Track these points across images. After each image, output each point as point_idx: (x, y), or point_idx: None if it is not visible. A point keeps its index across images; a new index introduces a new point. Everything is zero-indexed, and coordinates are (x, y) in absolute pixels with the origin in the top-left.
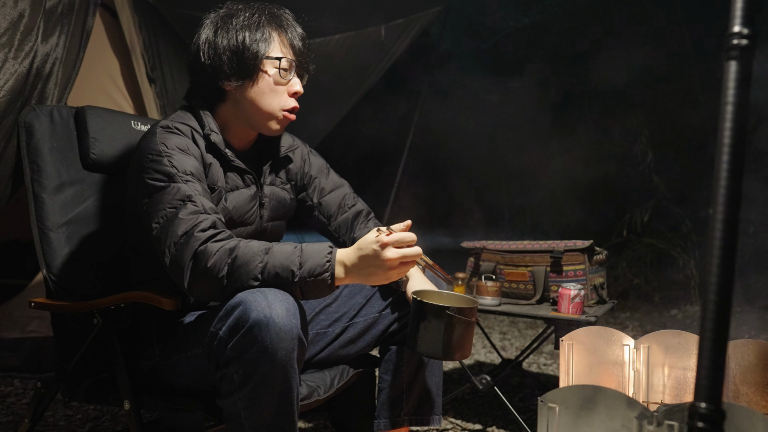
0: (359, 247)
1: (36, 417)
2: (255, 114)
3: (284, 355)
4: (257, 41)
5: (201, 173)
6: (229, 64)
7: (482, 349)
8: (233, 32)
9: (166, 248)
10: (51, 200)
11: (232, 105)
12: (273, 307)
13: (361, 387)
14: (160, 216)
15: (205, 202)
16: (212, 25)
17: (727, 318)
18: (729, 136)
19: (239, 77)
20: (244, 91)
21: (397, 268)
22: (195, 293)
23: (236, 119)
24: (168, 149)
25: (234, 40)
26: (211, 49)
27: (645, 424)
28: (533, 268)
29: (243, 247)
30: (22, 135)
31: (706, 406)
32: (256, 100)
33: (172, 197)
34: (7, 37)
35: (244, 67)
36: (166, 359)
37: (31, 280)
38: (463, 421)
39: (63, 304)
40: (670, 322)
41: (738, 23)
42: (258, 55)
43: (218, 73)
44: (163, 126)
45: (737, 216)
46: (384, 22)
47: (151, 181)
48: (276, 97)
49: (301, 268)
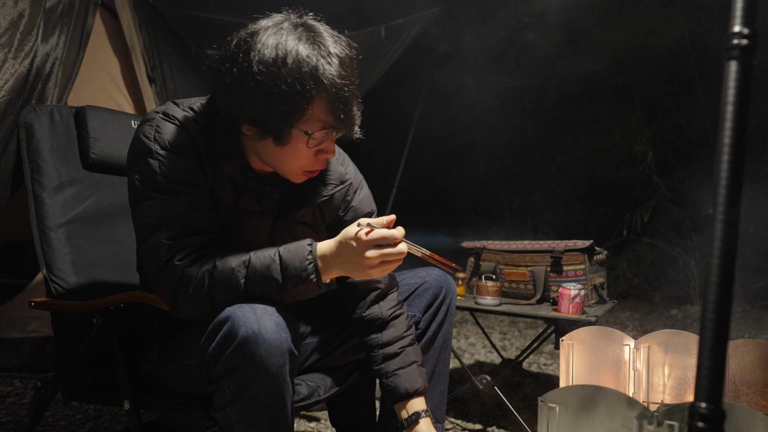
0: (340, 240)
1: (36, 417)
2: (272, 164)
3: (275, 370)
4: (296, 104)
5: (198, 176)
6: (253, 113)
7: (482, 349)
8: (268, 76)
9: (149, 271)
10: (51, 200)
11: (250, 142)
12: (261, 321)
13: (361, 387)
14: (143, 230)
15: (194, 220)
16: (250, 57)
17: (728, 318)
18: (729, 136)
19: (262, 132)
20: (265, 147)
21: (379, 266)
22: (183, 315)
23: (255, 153)
24: (160, 148)
25: (265, 89)
26: (238, 84)
27: (645, 424)
28: (533, 268)
29: (220, 267)
30: (22, 135)
31: (707, 406)
32: (275, 159)
33: (157, 210)
34: (7, 37)
35: (269, 126)
36: (162, 365)
37: (31, 280)
38: (464, 420)
39: (63, 303)
40: (670, 322)
41: (738, 23)
42: (290, 121)
43: (241, 117)
44: (168, 113)
45: (737, 216)
46: (384, 22)
47: (138, 186)
48: (299, 159)
49: (283, 274)
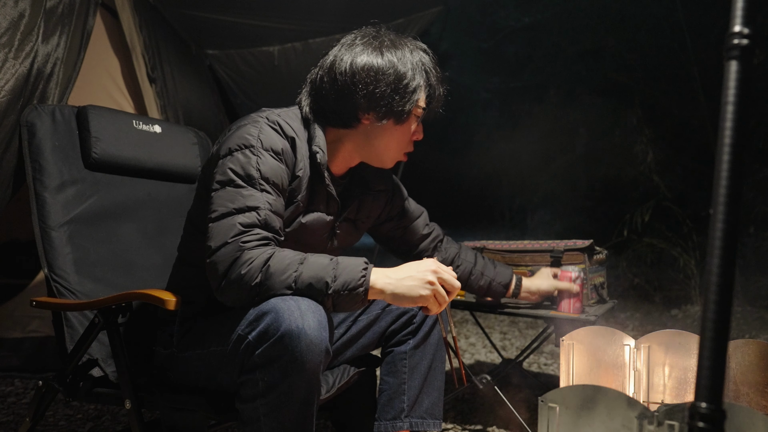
0: (406, 264)
1: (37, 416)
2: (379, 150)
3: (312, 367)
4: (419, 87)
5: (284, 182)
6: (387, 101)
7: (482, 348)
8: (400, 67)
9: (210, 244)
10: (53, 199)
11: (355, 135)
12: (305, 317)
13: (362, 387)
14: (221, 210)
15: (270, 218)
16: (373, 50)
17: (728, 318)
18: (729, 136)
19: (387, 116)
20: (382, 130)
21: (433, 288)
22: (225, 298)
23: (350, 146)
24: (262, 148)
25: (400, 78)
26: (371, 77)
27: (645, 424)
28: (533, 267)
29: (278, 257)
30: (24, 134)
31: (707, 405)
32: (388, 142)
33: (242, 199)
34: (7, 38)
35: (398, 109)
36: (182, 351)
37: (32, 280)
38: (464, 420)
39: (64, 303)
40: (670, 322)
41: (738, 23)
42: (415, 101)
43: (367, 105)
44: (270, 119)
45: (737, 216)
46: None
47: (230, 173)
48: (405, 140)
49: (335, 280)
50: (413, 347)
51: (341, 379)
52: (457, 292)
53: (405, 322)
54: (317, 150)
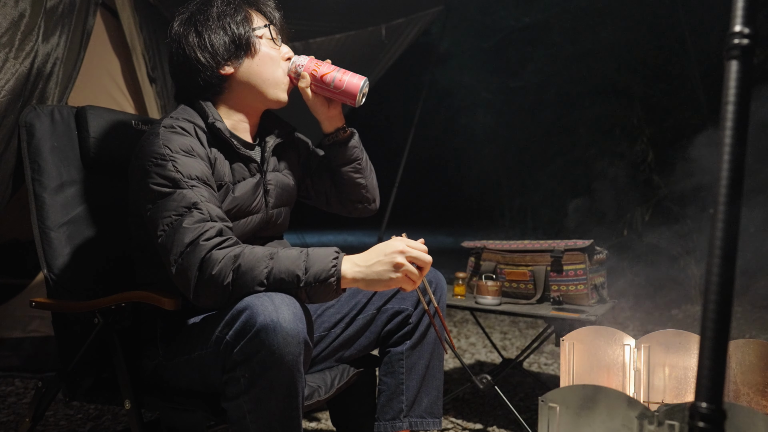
0: (373, 248)
1: (37, 416)
2: (262, 85)
3: (291, 359)
4: (243, 21)
5: (207, 175)
6: (226, 49)
7: (483, 348)
8: (217, 23)
9: (171, 258)
10: (52, 200)
11: (235, 88)
12: (280, 311)
13: (361, 387)
14: (165, 224)
15: (212, 209)
16: (191, 24)
17: (728, 318)
18: (729, 136)
19: (238, 56)
20: (247, 67)
21: (403, 270)
22: (200, 301)
23: (240, 103)
24: (172, 152)
25: (222, 29)
26: (203, 45)
27: (646, 424)
28: (534, 267)
29: (248, 254)
30: (22, 135)
31: (707, 405)
32: (260, 71)
33: (177, 204)
34: (7, 37)
35: (239, 47)
36: (170, 360)
37: (32, 280)
38: (464, 420)
39: (64, 303)
40: (670, 322)
41: (739, 23)
42: (247, 32)
43: (217, 63)
44: (167, 126)
45: (738, 216)
46: (385, 22)
47: (155, 187)
48: (275, 65)
49: (306, 272)
50: (410, 347)
51: (341, 379)
52: (429, 267)
53: (400, 322)
54: (213, 120)
